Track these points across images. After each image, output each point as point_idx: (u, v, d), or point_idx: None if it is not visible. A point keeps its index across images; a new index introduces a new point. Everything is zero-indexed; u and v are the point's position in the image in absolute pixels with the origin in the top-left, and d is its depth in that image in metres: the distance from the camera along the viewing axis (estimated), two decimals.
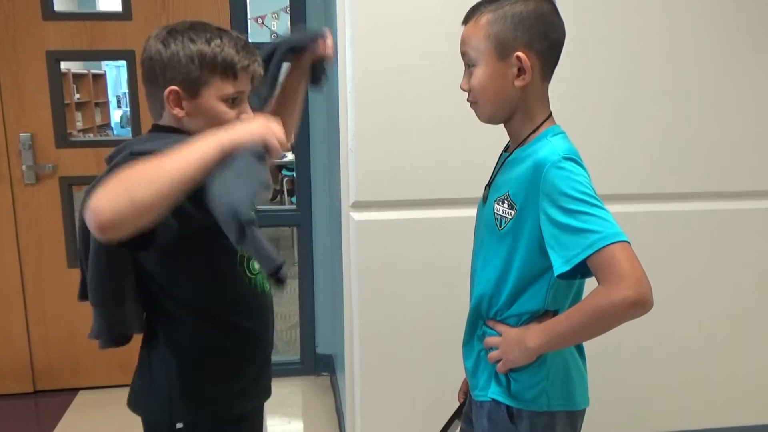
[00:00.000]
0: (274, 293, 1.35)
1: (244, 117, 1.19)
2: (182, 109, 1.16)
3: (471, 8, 1.20)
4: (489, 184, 1.30)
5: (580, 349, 1.29)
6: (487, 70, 1.17)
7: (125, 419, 1.26)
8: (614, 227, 1.07)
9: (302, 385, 2.96)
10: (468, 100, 1.24)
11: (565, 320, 1.13)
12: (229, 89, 1.16)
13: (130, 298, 1.22)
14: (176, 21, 1.19)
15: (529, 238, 1.16)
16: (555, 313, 1.20)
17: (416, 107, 1.99)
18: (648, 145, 2.13)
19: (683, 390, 2.33)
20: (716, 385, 2.35)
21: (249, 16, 3.01)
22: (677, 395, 2.33)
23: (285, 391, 2.90)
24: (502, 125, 1.26)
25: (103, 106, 8.46)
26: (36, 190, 2.73)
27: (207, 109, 1.16)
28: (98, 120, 8.13)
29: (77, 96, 7.45)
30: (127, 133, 4.06)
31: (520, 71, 1.16)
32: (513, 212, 1.17)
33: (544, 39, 1.16)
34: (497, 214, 1.21)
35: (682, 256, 2.22)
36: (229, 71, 1.15)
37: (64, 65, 2.84)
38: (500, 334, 1.23)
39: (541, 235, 1.13)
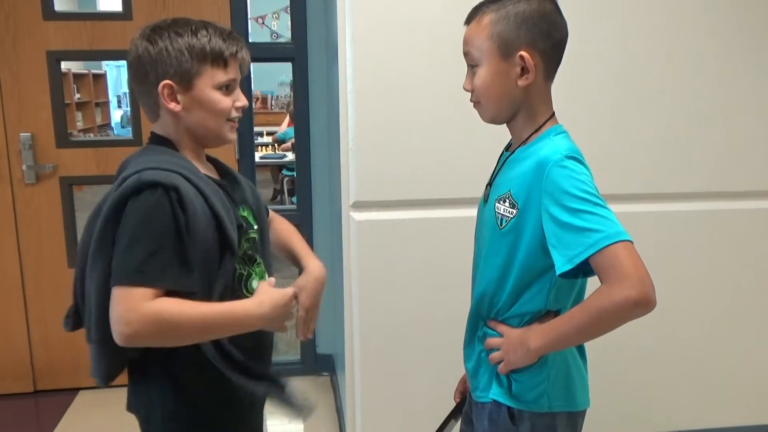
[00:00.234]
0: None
1: (238, 104, 1.21)
2: (178, 103, 1.17)
3: (473, 8, 1.20)
4: (490, 184, 1.30)
5: (581, 350, 1.29)
6: (490, 69, 1.17)
7: (125, 419, 1.26)
8: (617, 226, 1.06)
9: (302, 385, 2.95)
10: (471, 101, 1.23)
11: (567, 320, 1.13)
12: (221, 77, 1.18)
13: None
14: (166, 18, 1.19)
15: (531, 237, 1.15)
16: (557, 313, 1.20)
17: (416, 107, 1.99)
18: (649, 145, 2.13)
19: (683, 390, 2.33)
20: (716, 385, 2.35)
21: (249, 16, 3.01)
22: (677, 395, 2.33)
23: None
24: (503, 125, 1.25)
25: (104, 106, 8.48)
26: (36, 190, 2.73)
27: (203, 99, 1.18)
28: (99, 120, 8.15)
29: (77, 96, 7.46)
30: (127, 133, 4.06)
31: (524, 71, 1.15)
32: (514, 211, 1.17)
33: (547, 38, 1.16)
34: (498, 213, 1.20)
35: (683, 256, 2.22)
36: (219, 59, 1.17)
37: (64, 65, 2.83)
38: (501, 335, 1.23)
39: (543, 234, 1.12)
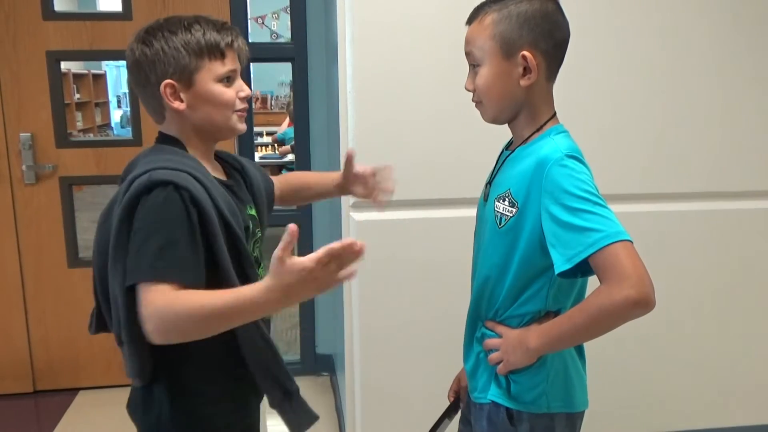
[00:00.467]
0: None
1: (242, 94, 1.21)
2: (182, 101, 1.17)
3: (475, 8, 1.20)
4: (489, 182, 1.29)
5: (580, 351, 1.29)
6: (492, 69, 1.17)
7: (125, 419, 1.26)
8: (617, 226, 1.06)
9: (302, 385, 2.91)
10: (473, 100, 1.23)
11: (566, 320, 1.13)
12: (220, 69, 1.18)
13: None
14: (158, 19, 1.19)
15: (530, 236, 1.15)
16: (557, 313, 1.19)
17: (416, 107, 1.99)
18: (648, 145, 2.12)
19: (683, 390, 2.33)
20: (716, 385, 2.35)
21: (249, 16, 3.01)
22: (677, 395, 2.33)
23: None
24: (503, 125, 1.25)
25: (104, 106, 8.47)
26: (36, 190, 2.72)
27: (206, 94, 1.17)
28: (98, 120, 8.15)
29: (77, 96, 7.46)
30: (127, 133, 4.05)
31: (526, 71, 1.15)
32: (514, 210, 1.17)
33: (550, 38, 1.16)
34: (497, 211, 1.20)
35: (682, 256, 2.22)
36: (216, 51, 1.17)
37: (64, 65, 2.83)
38: (500, 336, 1.23)
39: (542, 233, 1.12)
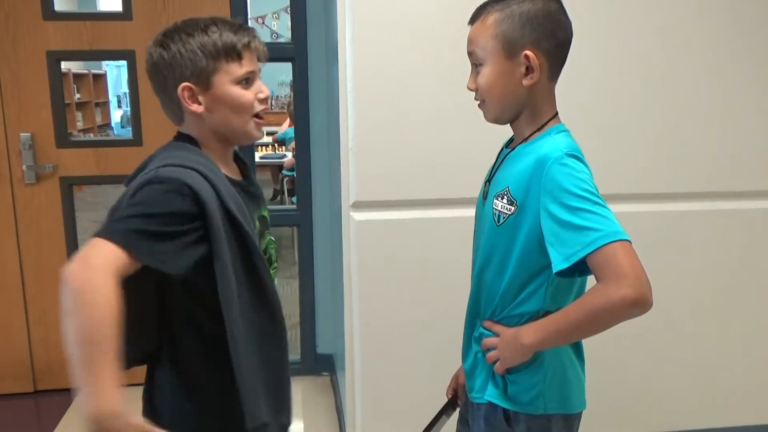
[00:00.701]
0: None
1: (261, 96, 1.20)
2: (200, 104, 1.17)
3: (478, 8, 1.20)
4: (488, 180, 1.29)
5: (579, 352, 1.28)
6: (495, 69, 1.17)
7: None
8: (615, 225, 1.06)
9: (302, 385, 2.96)
10: (475, 99, 1.23)
11: (561, 317, 1.12)
12: (238, 71, 1.17)
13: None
14: (176, 21, 1.19)
15: (528, 234, 1.15)
16: None
17: (416, 107, 1.99)
18: (648, 145, 2.12)
19: (682, 390, 2.33)
20: (716, 385, 2.35)
21: (249, 16, 3.01)
22: (676, 395, 2.33)
23: None
24: (503, 125, 1.25)
25: (104, 105, 8.49)
26: (36, 190, 2.72)
27: (224, 97, 1.17)
28: (98, 120, 8.16)
29: (77, 96, 7.47)
30: (127, 133, 4.05)
31: (528, 70, 1.15)
32: (513, 208, 1.17)
33: (552, 38, 1.16)
34: (496, 209, 1.20)
35: (682, 256, 2.22)
36: (233, 53, 1.16)
37: (64, 65, 2.83)
38: (498, 335, 1.23)
39: (541, 232, 1.12)
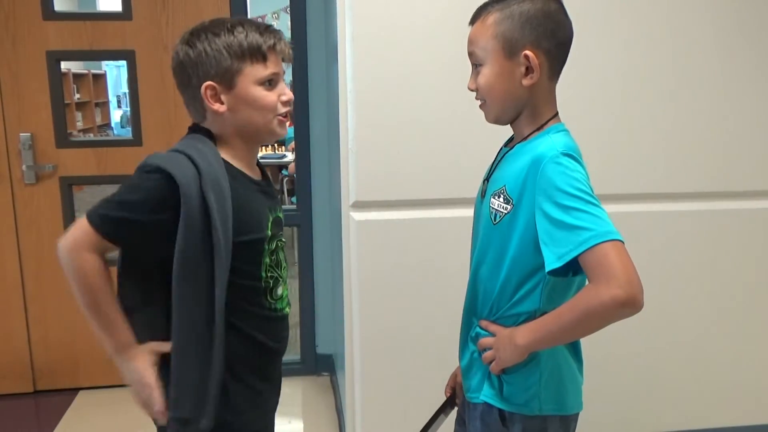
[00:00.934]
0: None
1: (284, 98, 1.20)
2: (222, 103, 1.17)
3: (478, 8, 1.20)
4: (487, 178, 1.30)
5: (576, 353, 1.28)
6: (495, 69, 1.17)
7: (125, 419, 1.27)
8: (608, 225, 1.06)
9: (302, 385, 2.96)
10: (476, 99, 1.24)
11: (554, 318, 1.12)
12: (262, 72, 1.18)
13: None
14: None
15: (523, 233, 1.15)
16: None
17: (416, 107, 1.99)
18: (648, 145, 2.12)
19: (682, 390, 2.33)
20: (716, 385, 2.35)
21: (249, 16, 3.01)
22: (676, 395, 2.33)
23: (285, 391, 2.84)
24: (505, 125, 1.25)
25: (104, 105, 8.49)
26: (36, 190, 2.72)
27: (247, 97, 1.18)
28: (98, 120, 8.16)
29: (77, 96, 7.47)
30: (127, 133, 4.05)
31: (528, 70, 1.15)
32: (509, 207, 1.17)
33: (552, 37, 1.16)
34: (492, 208, 1.20)
35: (682, 256, 2.22)
36: (258, 54, 1.17)
37: (64, 65, 2.83)
38: (494, 335, 1.23)
39: (536, 231, 1.12)
